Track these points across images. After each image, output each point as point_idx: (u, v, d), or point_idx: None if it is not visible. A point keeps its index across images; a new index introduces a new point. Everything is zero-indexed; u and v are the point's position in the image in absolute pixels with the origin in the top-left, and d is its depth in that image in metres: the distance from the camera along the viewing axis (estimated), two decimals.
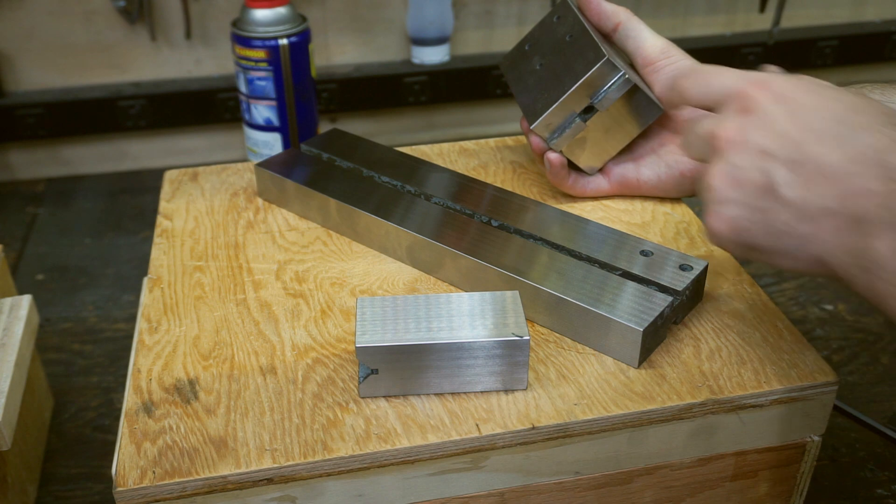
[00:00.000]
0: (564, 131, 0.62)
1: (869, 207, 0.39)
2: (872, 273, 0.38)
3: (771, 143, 0.42)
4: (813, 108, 0.42)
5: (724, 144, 0.43)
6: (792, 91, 0.43)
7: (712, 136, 0.44)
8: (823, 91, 0.43)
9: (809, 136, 0.41)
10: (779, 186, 0.41)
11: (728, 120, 0.44)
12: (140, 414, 0.47)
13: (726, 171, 0.43)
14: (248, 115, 0.94)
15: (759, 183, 0.42)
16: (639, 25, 0.62)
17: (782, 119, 0.42)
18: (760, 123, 0.42)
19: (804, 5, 1.19)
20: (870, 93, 0.58)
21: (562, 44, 0.63)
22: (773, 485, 0.53)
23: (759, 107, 0.43)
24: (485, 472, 0.47)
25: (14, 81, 1.03)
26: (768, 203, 0.42)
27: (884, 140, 0.39)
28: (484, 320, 0.47)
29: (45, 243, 0.95)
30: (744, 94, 0.44)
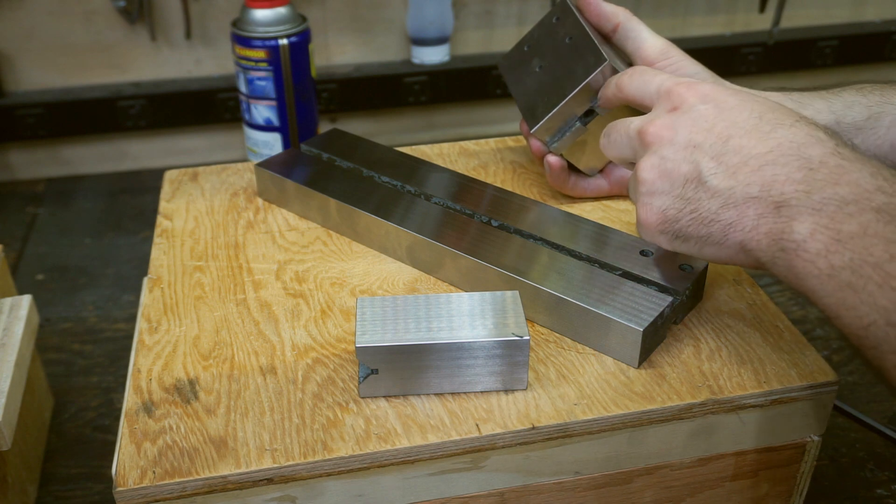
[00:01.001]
0: (564, 135, 0.62)
1: (789, 193, 0.42)
2: (791, 253, 0.41)
3: (699, 136, 0.45)
4: (737, 106, 0.45)
5: (654, 139, 0.47)
6: (718, 92, 0.46)
7: (642, 132, 0.47)
8: (744, 93, 0.47)
9: (734, 131, 0.44)
10: (706, 176, 0.44)
11: (658, 117, 0.47)
12: (140, 414, 0.47)
13: (656, 164, 0.46)
14: (248, 115, 0.94)
15: (687, 174, 0.45)
16: (638, 26, 0.62)
17: (709, 116, 0.45)
18: (689, 119, 0.46)
19: (804, 5, 1.19)
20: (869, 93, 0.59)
21: (561, 46, 0.63)
22: (773, 485, 0.53)
23: (687, 105, 0.46)
24: (485, 472, 0.47)
25: (14, 81, 1.03)
26: (696, 192, 0.45)
27: (800, 134, 0.43)
28: (484, 320, 0.47)
29: (45, 243, 0.95)
30: (674, 93, 0.47)
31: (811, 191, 0.41)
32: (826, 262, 0.40)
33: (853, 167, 0.41)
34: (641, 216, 0.47)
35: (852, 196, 0.40)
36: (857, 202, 0.39)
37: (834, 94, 0.60)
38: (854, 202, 0.40)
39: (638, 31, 0.62)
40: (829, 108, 0.59)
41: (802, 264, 0.41)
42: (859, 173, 0.40)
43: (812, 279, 0.40)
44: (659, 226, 0.47)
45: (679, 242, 0.47)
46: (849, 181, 0.40)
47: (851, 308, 0.39)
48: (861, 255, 0.38)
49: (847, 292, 0.39)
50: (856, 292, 0.38)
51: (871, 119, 0.58)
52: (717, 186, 0.44)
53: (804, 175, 0.41)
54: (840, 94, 0.60)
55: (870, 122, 0.58)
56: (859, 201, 0.39)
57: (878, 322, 0.38)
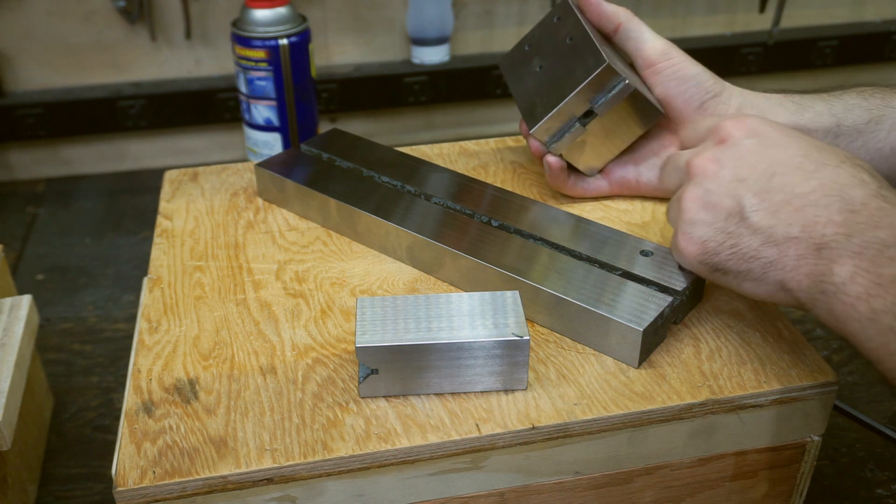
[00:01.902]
0: (564, 136, 0.62)
1: (830, 235, 0.42)
2: (832, 296, 0.41)
3: (743, 171, 0.45)
4: (782, 143, 0.46)
5: (699, 171, 0.47)
6: (764, 127, 0.47)
7: (689, 163, 0.48)
8: (790, 130, 0.47)
9: (779, 168, 0.45)
10: (748, 212, 0.45)
11: (706, 150, 0.48)
12: (140, 414, 0.47)
13: (700, 195, 0.46)
14: (248, 115, 0.94)
15: (729, 207, 0.45)
16: (639, 27, 0.62)
17: (755, 151, 0.46)
18: (734, 153, 0.46)
19: (804, 5, 1.19)
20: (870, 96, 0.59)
21: (562, 46, 0.63)
22: (773, 485, 0.53)
23: (734, 139, 0.47)
24: (485, 472, 0.47)
25: (14, 81, 1.03)
26: (737, 227, 0.45)
27: (844, 175, 0.43)
28: (484, 320, 0.47)
29: (45, 243, 0.95)
30: (722, 127, 0.48)
31: (852, 233, 0.41)
32: (867, 305, 0.39)
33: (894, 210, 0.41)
34: (681, 244, 0.47)
35: (893, 239, 0.39)
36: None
37: (835, 96, 0.60)
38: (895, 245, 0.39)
39: (639, 32, 0.61)
40: (829, 110, 0.59)
41: (843, 307, 0.40)
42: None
43: (853, 323, 0.40)
44: (698, 256, 0.47)
45: (718, 275, 0.47)
46: (890, 224, 0.40)
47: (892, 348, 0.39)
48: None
49: (889, 337, 0.39)
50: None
51: (871, 122, 0.58)
52: (759, 224, 0.44)
53: (845, 217, 0.41)
54: (841, 96, 0.60)
55: (870, 125, 0.58)
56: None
57: None
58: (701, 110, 0.60)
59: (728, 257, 0.46)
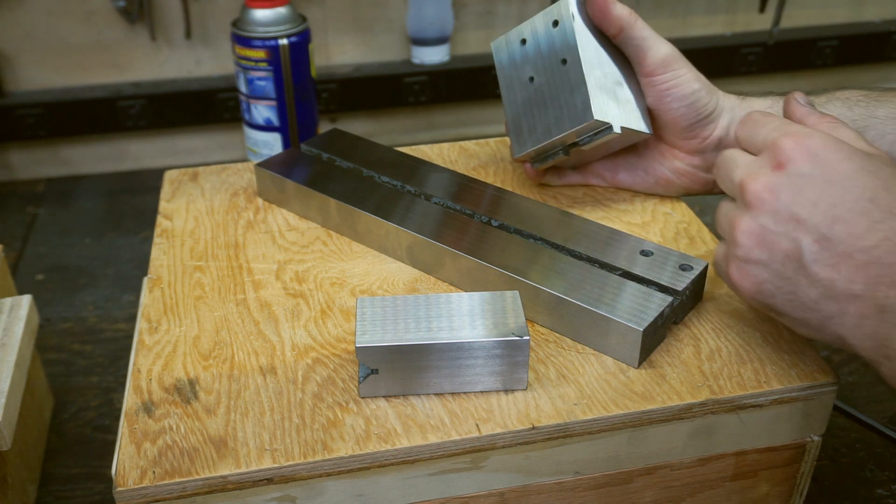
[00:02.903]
0: (547, 160, 0.64)
1: (894, 297, 0.39)
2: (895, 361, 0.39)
3: (802, 210, 0.42)
4: (848, 178, 0.41)
5: (754, 201, 0.43)
6: (829, 155, 0.42)
7: (743, 186, 0.44)
8: (858, 160, 0.42)
9: (842, 212, 0.41)
10: (807, 261, 0.41)
11: (761, 174, 0.43)
12: (140, 414, 0.47)
13: (755, 230, 0.43)
14: (248, 115, 0.94)
15: (787, 251, 0.42)
16: (642, 33, 0.59)
17: (816, 186, 0.41)
18: (793, 186, 0.42)
19: (804, 5, 1.19)
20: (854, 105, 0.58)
21: (556, 66, 0.61)
22: (773, 485, 0.53)
23: (793, 166, 0.42)
24: (485, 472, 0.47)
25: (14, 81, 1.03)
26: (795, 274, 0.42)
27: None
28: (484, 320, 0.47)
29: (45, 243, 0.95)
30: (780, 148, 0.43)
31: None
32: None
33: None
34: (735, 280, 0.45)
35: None
36: None
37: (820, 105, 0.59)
38: None
39: (641, 40, 0.59)
40: None
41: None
42: None
43: None
44: (753, 295, 0.45)
45: (772, 314, 0.45)
46: None
47: None
48: None
49: None
50: None
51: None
52: (819, 275, 0.41)
53: None
54: (826, 105, 0.59)
55: None
56: None
57: None
58: (688, 129, 0.60)
59: (784, 303, 0.43)
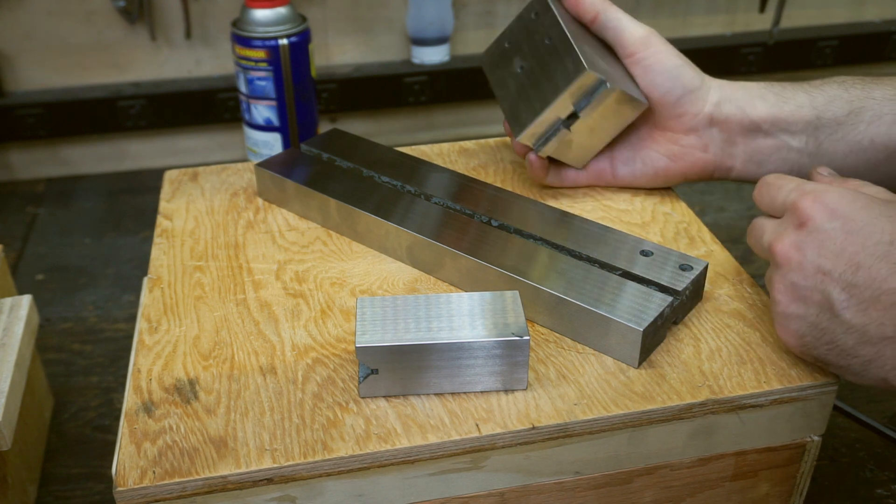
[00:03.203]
0: (550, 140, 0.62)
1: None
2: None
3: (827, 262, 0.43)
4: (868, 226, 0.43)
5: (783, 260, 0.45)
6: (846, 207, 0.44)
7: (772, 249, 0.46)
8: (875, 207, 0.44)
9: (864, 258, 0.42)
10: (838, 310, 0.43)
11: (786, 235, 0.46)
12: (140, 414, 0.47)
13: (788, 288, 0.45)
14: (248, 115, 0.94)
15: (819, 302, 0.44)
16: (616, 15, 0.61)
17: (837, 238, 0.43)
18: (816, 241, 0.44)
19: (804, 5, 1.19)
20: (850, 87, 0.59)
21: (541, 47, 0.62)
22: (773, 485, 0.53)
23: (814, 223, 0.44)
24: (485, 472, 0.47)
25: (14, 81, 1.03)
26: (830, 323, 0.44)
27: None
28: (484, 320, 0.47)
29: (45, 243, 0.95)
30: (800, 209, 0.45)
31: None
32: None
33: None
34: (781, 336, 0.47)
35: None
36: None
37: (816, 87, 0.60)
38: None
39: (617, 21, 0.61)
40: (810, 102, 0.59)
41: None
42: None
43: None
44: (799, 349, 0.47)
45: (822, 364, 0.47)
46: None
47: None
48: None
49: None
50: None
51: (851, 114, 0.58)
52: (851, 322, 0.43)
53: None
54: (822, 87, 0.59)
55: (850, 117, 0.58)
56: None
57: None
58: (678, 105, 0.61)
59: (826, 352, 0.45)
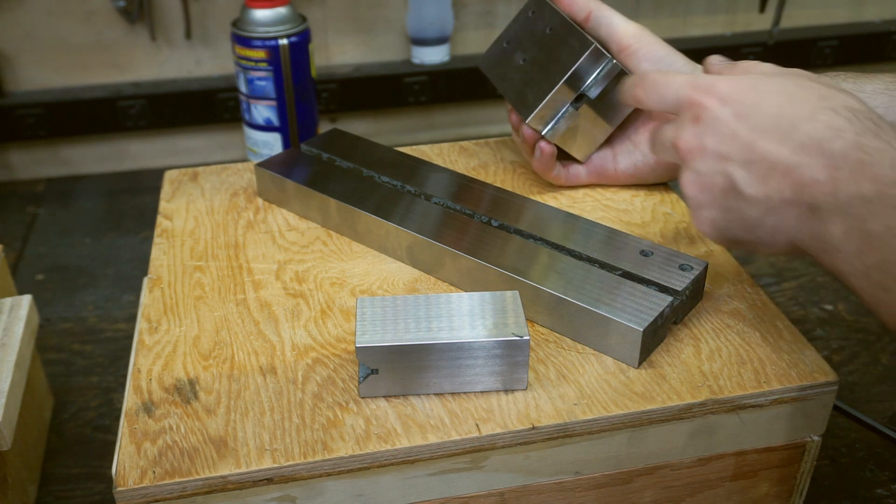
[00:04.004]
0: (559, 122, 0.63)
1: (819, 196, 0.42)
2: (832, 255, 0.43)
3: (724, 146, 0.46)
4: (755, 105, 0.45)
5: (685, 154, 0.48)
6: (735, 92, 0.46)
7: (675, 146, 0.49)
8: (761, 84, 0.46)
9: (757, 135, 0.45)
10: (741, 187, 0.45)
11: (684, 130, 0.48)
12: (140, 414, 0.47)
13: (694, 179, 0.47)
14: (248, 115, 0.94)
15: (723, 185, 0.46)
16: (609, 12, 0.63)
17: (730, 121, 0.46)
18: (712, 129, 0.46)
19: (804, 5, 1.19)
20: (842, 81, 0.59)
21: (543, 37, 0.64)
22: (773, 485, 0.53)
23: (708, 113, 0.47)
24: (485, 472, 0.47)
25: (14, 81, 1.03)
26: (736, 202, 0.46)
27: (821, 128, 0.43)
28: (484, 320, 0.47)
29: (45, 243, 0.95)
30: (693, 103, 0.48)
31: (837, 191, 0.42)
32: (860, 262, 0.41)
33: (874, 160, 0.41)
34: (697, 226, 0.49)
35: (874, 193, 0.40)
36: (879, 199, 0.40)
37: None
38: (877, 200, 0.40)
39: (609, 18, 0.63)
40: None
41: (843, 265, 0.42)
42: (880, 167, 0.41)
43: (852, 278, 0.42)
44: (713, 234, 0.49)
45: (737, 245, 0.49)
46: (870, 177, 0.41)
47: (884, 304, 0.41)
48: (886, 254, 0.40)
49: (879, 292, 0.41)
50: (886, 291, 0.40)
51: None
52: (754, 195, 0.45)
53: (828, 175, 0.42)
54: None
55: None
56: (882, 198, 0.40)
57: None
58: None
59: (738, 230, 0.47)
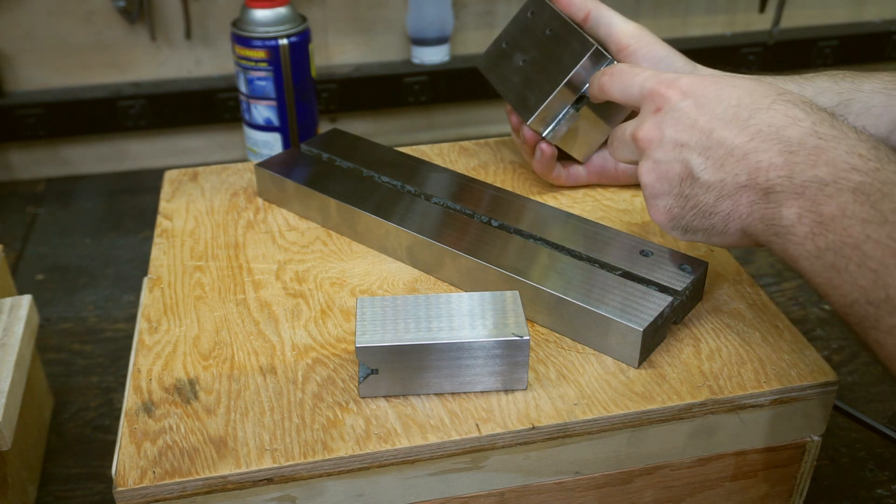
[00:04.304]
0: (560, 123, 0.63)
1: (774, 179, 0.43)
2: (783, 237, 0.43)
3: (682, 135, 0.47)
4: (715, 97, 0.47)
5: (645, 144, 0.49)
6: (696, 85, 0.48)
7: (634, 137, 0.49)
8: (722, 80, 0.48)
9: (715, 123, 0.46)
10: (697, 172, 0.46)
11: (646, 121, 0.49)
12: (140, 414, 0.47)
13: (651, 168, 0.49)
14: (248, 115, 0.94)
15: (680, 172, 0.47)
16: (608, 12, 0.63)
17: (691, 112, 0.47)
18: (672, 119, 0.48)
19: (804, 5, 1.19)
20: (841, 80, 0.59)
21: (543, 38, 0.64)
22: (773, 485, 0.53)
23: (669, 104, 0.48)
24: (485, 472, 0.47)
25: (14, 81, 1.03)
26: (692, 189, 0.47)
27: (778, 116, 0.44)
28: (484, 320, 0.47)
29: (45, 243, 0.95)
30: (656, 94, 0.49)
31: (793, 174, 0.42)
32: (813, 244, 0.41)
33: (829, 146, 0.42)
34: (652, 216, 0.50)
35: (830, 177, 0.41)
36: (834, 183, 0.41)
37: (807, 79, 0.60)
38: (832, 183, 0.41)
39: (608, 18, 0.63)
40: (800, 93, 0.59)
41: (793, 248, 0.43)
42: (835, 152, 0.42)
43: (803, 261, 0.42)
44: (668, 223, 0.49)
45: (690, 235, 0.49)
46: (826, 161, 0.42)
47: (836, 287, 0.41)
48: (841, 236, 0.40)
49: (832, 273, 0.41)
50: (839, 273, 0.40)
51: (840, 105, 0.58)
52: (709, 180, 0.46)
53: (785, 159, 0.43)
54: (813, 79, 0.60)
55: (840, 108, 0.58)
56: (837, 182, 0.41)
57: (859, 301, 0.40)
58: None
59: (692, 218, 0.48)
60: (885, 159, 0.41)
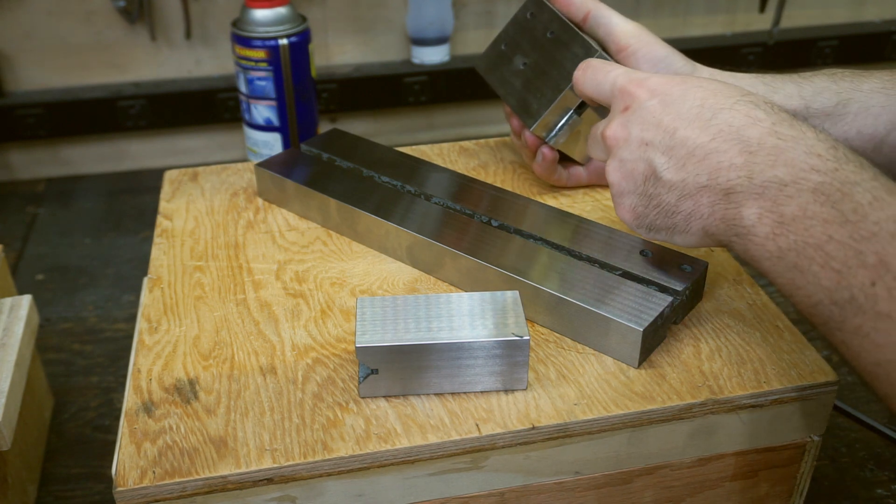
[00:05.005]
0: (562, 129, 0.63)
1: (734, 179, 0.43)
2: (744, 238, 0.43)
3: (648, 133, 0.47)
4: (680, 97, 0.47)
5: (612, 142, 0.49)
6: (664, 85, 0.48)
7: (604, 136, 0.50)
8: (689, 81, 0.48)
9: (679, 123, 0.46)
10: (660, 172, 0.46)
11: (614, 120, 0.49)
12: (140, 414, 0.47)
13: (617, 167, 0.49)
14: (248, 115, 0.94)
15: (644, 171, 0.47)
16: (607, 12, 0.63)
17: (656, 111, 0.47)
18: (639, 118, 0.48)
19: (804, 5, 1.19)
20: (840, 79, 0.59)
21: (543, 41, 0.63)
22: (773, 485, 0.53)
23: (637, 103, 0.48)
24: (485, 472, 0.47)
25: (14, 81, 1.03)
26: (655, 188, 0.47)
27: (738, 116, 0.44)
28: (484, 320, 0.47)
29: (45, 243, 0.95)
30: (626, 93, 0.49)
31: (752, 175, 0.43)
32: (774, 244, 0.41)
33: (788, 146, 0.42)
34: (618, 214, 0.50)
35: (789, 177, 0.41)
36: (794, 183, 0.41)
37: (806, 78, 0.60)
38: (792, 183, 0.41)
39: (608, 17, 0.62)
40: (799, 93, 0.59)
41: (755, 248, 0.43)
42: (794, 152, 0.42)
43: (765, 261, 0.42)
44: (633, 222, 0.49)
45: (654, 233, 0.49)
46: (785, 161, 0.42)
47: (800, 288, 0.41)
48: (803, 236, 0.40)
49: (795, 273, 0.41)
50: (802, 273, 0.40)
51: (839, 105, 0.58)
52: (671, 180, 0.46)
53: (745, 159, 0.43)
54: (812, 79, 0.60)
55: (838, 108, 0.58)
56: (797, 182, 0.41)
57: (823, 301, 0.40)
58: None
59: (655, 217, 0.48)
60: (843, 159, 0.41)
